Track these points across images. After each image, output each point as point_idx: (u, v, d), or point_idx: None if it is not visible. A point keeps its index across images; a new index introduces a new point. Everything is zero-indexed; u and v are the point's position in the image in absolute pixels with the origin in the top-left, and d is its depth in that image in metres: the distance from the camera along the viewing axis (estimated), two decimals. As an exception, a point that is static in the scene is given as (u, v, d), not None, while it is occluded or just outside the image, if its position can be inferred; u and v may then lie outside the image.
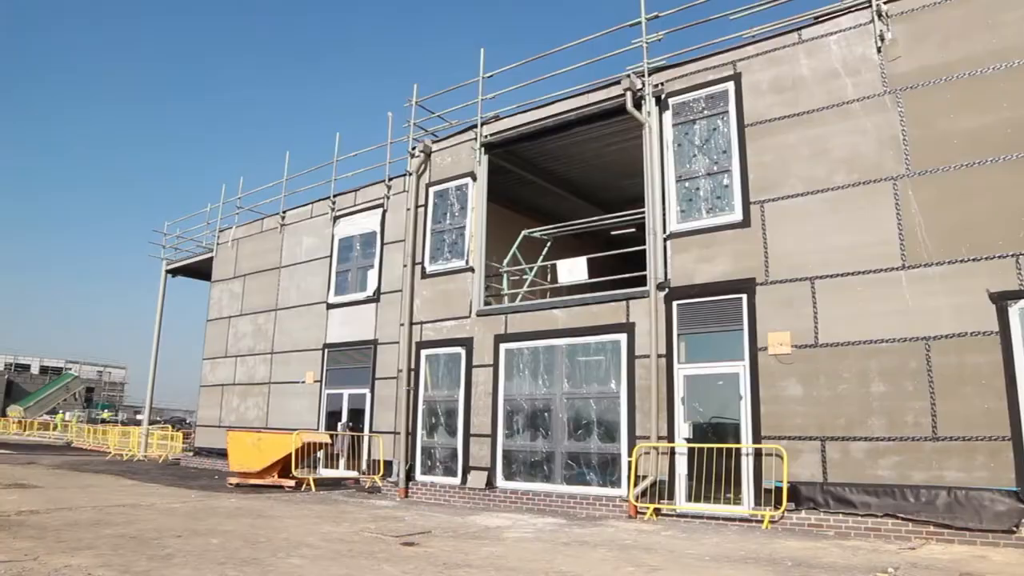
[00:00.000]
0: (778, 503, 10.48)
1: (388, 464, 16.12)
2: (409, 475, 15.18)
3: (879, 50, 10.94)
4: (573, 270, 14.70)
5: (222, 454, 19.06)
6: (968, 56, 10.29)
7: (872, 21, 11.02)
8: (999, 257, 9.61)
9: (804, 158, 11.28)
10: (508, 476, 13.76)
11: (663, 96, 12.98)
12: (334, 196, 20.33)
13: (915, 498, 9.57)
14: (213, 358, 23.49)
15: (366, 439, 17.55)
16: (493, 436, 14.03)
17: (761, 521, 10.52)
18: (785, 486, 10.45)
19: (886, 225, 10.45)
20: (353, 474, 17.55)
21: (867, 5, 11.12)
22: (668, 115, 12.90)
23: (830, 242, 10.82)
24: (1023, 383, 9.22)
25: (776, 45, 11.92)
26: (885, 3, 10.99)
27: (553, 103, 14.53)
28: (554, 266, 15.40)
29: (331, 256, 19.97)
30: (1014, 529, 8.90)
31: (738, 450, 11.09)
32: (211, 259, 24.90)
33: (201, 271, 26.94)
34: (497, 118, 15.53)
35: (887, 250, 10.37)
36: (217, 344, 23.44)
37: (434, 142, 16.65)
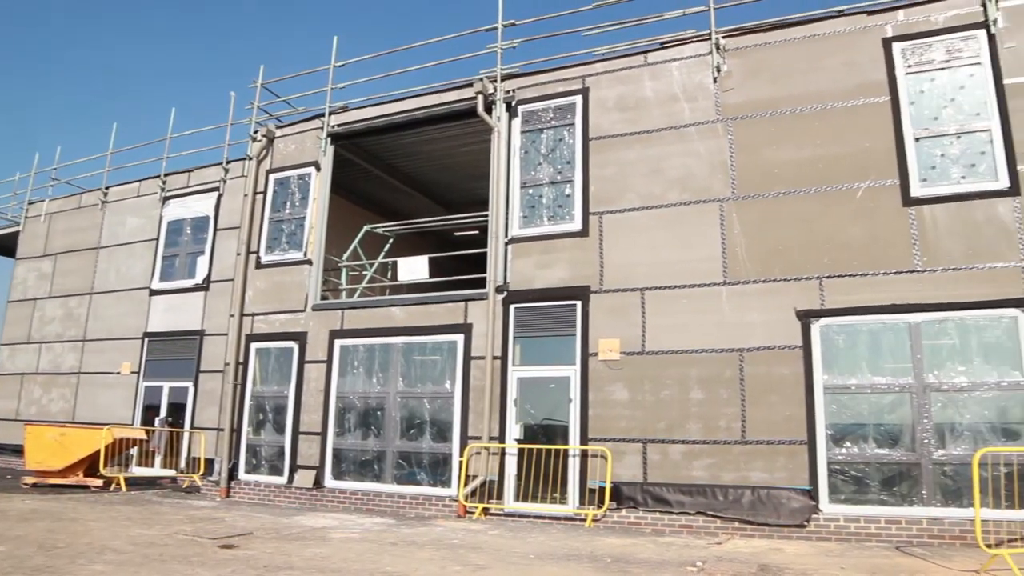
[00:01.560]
0: (601, 502, 10.93)
1: (210, 462, 15.27)
2: (232, 474, 14.46)
3: (715, 80, 11.74)
4: (414, 268, 14.62)
5: (18, 450, 17.26)
6: (791, 94, 11.29)
7: (711, 52, 11.82)
8: (806, 279, 10.59)
9: (642, 175, 11.88)
10: (337, 475, 13.44)
11: (514, 103, 13.23)
12: (165, 175, 19.04)
13: (724, 497, 10.31)
14: (13, 344, 21.26)
15: (187, 436, 16.54)
16: (323, 434, 13.65)
17: (585, 520, 10.92)
18: (608, 486, 10.92)
19: (712, 243, 11.21)
20: (170, 473, 16.46)
21: (707, 37, 11.91)
22: (517, 122, 13.16)
23: (661, 256, 11.45)
24: (819, 393, 10.23)
25: (624, 65, 12.49)
26: (723, 37, 11.82)
27: (405, 99, 14.41)
28: (395, 263, 15.26)
29: (158, 239, 18.68)
30: (805, 524, 9.84)
31: (566, 451, 11.45)
32: (16, 234, 22.56)
33: (3, 247, 24.36)
34: (346, 109, 15.19)
35: (711, 266, 11.13)
36: (18, 328, 21.23)
37: (278, 127, 16.03)
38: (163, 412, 17.28)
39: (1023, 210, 10.02)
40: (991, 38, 10.65)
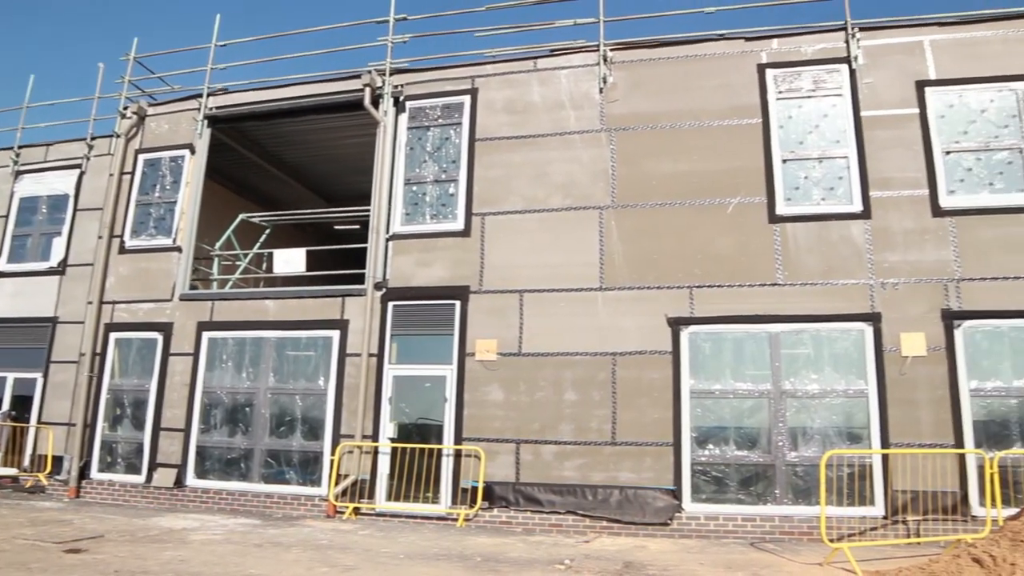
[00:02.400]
0: (473, 502, 10.96)
1: (58, 460, 14.18)
2: (83, 472, 13.51)
3: (601, 91, 12.06)
4: (291, 261, 14.19)
5: None
6: (672, 110, 11.76)
7: (599, 63, 12.13)
8: (678, 287, 11.06)
9: (527, 178, 12.04)
10: (201, 474, 12.83)
11: (402, 98, 13.10)
12: (19, 147, 17.60)
13: (593, 496, 10.58)
14: None
15: (32, 431, 15.33)
16: (187, 431, 13.00)
17: (457, 519, 10.92)
18: (481, 486, 10.97)
19: (590, 249, 11.50)
20: (11, 471, 15.19)
21: (596, 49, 12.22)
22: (404, 117, 13.04)
23: (541, 259, 11.63)
24: (686, 397, 10.69)
25: (514, 69, 12.62)
26: (611, 50, 12.17)
27: (290, 86, 13.98)
28: (271, 255, 14.75)
29: (7, 216, 17.21)
30: (669, 522, 10.25)
31: (440, 451, 11.42)
32: None
33: None
34: (226, 91, 14.56)
35: (589, 271, 11.41)
36: None
37: (151, 105, 15.17)
38: (5, 405, 15.93)
39: (873, 232, 10.85)
40: (852, 73, 11.50)
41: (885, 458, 10.03)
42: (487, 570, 7.47)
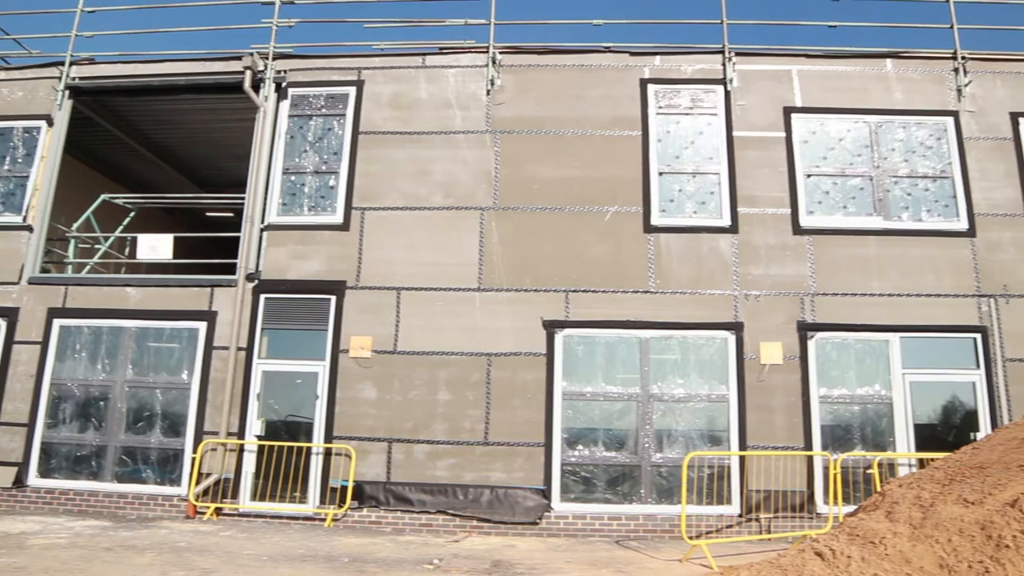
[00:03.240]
0: (343, 501, 10.73)
1: None
2: (-98, 467, 12.25)
3: (488, 92, 12.12)
4: (157, 247, 13.42)
5: None
6: (557, 116, 11.98)
7: (487, 65, 12.19)
8: (554, 291, 11.26)
9: (409, 175, 11.92)
10: (45, 473, 11.88)
11: (284, 84, 12.67)
12: None
13: (464, 496, 10.59)
14: None
15: None
16: (31, 426, 12.01)
17: (325, 519, 10.65)
18: (351, 485, 10.75)
19: (470, 249, 11.52)
20: None
21: (485, 50, 12.27)
22: (286, 104, 12.62)
23: (421, 257, 11.54)
24: (558, 398, 10.90)
25: (401, 64, 12.47)
26: (500, 53, 12.26)
27: (165, 62, 13.20)
28: (135, 239, 13.90)
29: None
30: (538, 521, 10.42)
31: (309, 449, 11.11)
32: None
33: None
34: (92, 62, 13.59)
35: (468, 272, 11.43)
36: None
37: (3, 69, 13.96)
38: None
39: (740, 246, 11.45)
40: (727, 94, 12.11)
41: (742, 459, 10.61)
42: (354, 571, 7.33)
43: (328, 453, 11.02)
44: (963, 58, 12.48)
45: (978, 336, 11.40)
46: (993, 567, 4.78)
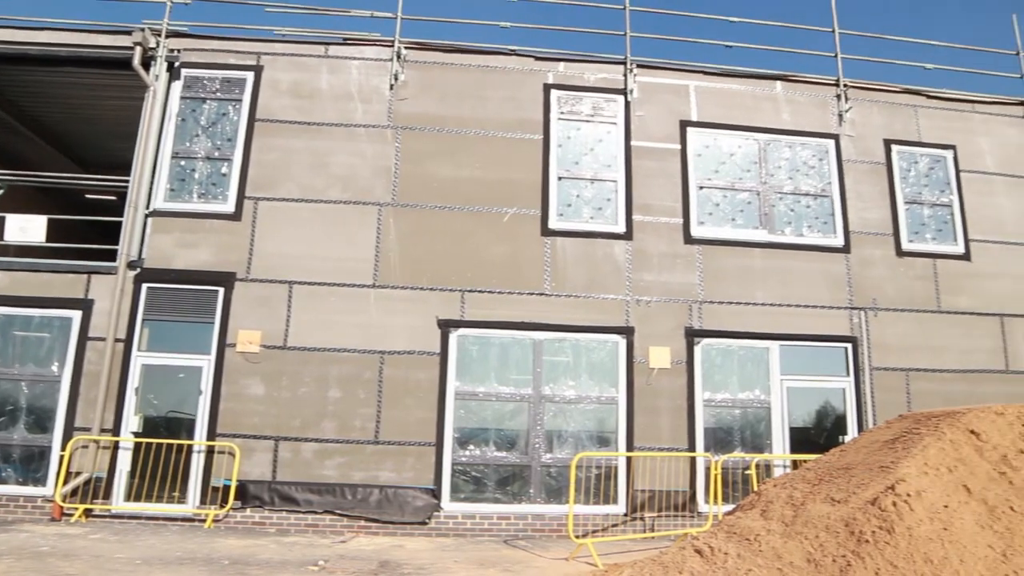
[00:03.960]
0: (225, 502, 10.32)
1: None
2: None
3: (391, 87, 11.97)
4: (28, 228, 12.51)
5: None
6: (459, 116, 11.96)
7: (392, 60, 12.02)
8: (450, 290, 11.23)
9: (306, 166, 11.61)
10: None
11: (177, 64, 12.09)
12: None
13: (353, 496, 10.40)
14: None
15: None
16: None
17: (205, 520, 10.21)
18: (234, 484, 10.35)
19: (367, 245, 11.34)
20: None
21: (390, 44, 12.10)
22: (178, 85, 12.04)
23: (315, 251, 11.26)
24: (451, 398, 10.88)
25: (303, 51, 12.14)
26: (406, 48, 12.12)
27: (45, 30, 12.30)
28: (2, 219, 12.93)
29: None
30: (427, 521, 10.36)
31: (191, 447, 10.63)
32: None
33: None
34: (-42, 27, 12.59)
35: (363, 267, 11.24)
36: None
37: None
38: None
39: (633, 253, 11.76)
40: (627, 104, 12.43)
41: (629, 460, 10.90)
42: (234, 573, 7.06)
43: (211, 451, 10.58)
44: (845, 86, 13.28)
45: (849, 346, 12.15)
46: (855, 560, 5.08)
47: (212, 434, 10.64)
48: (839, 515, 5.62)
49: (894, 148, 13.27)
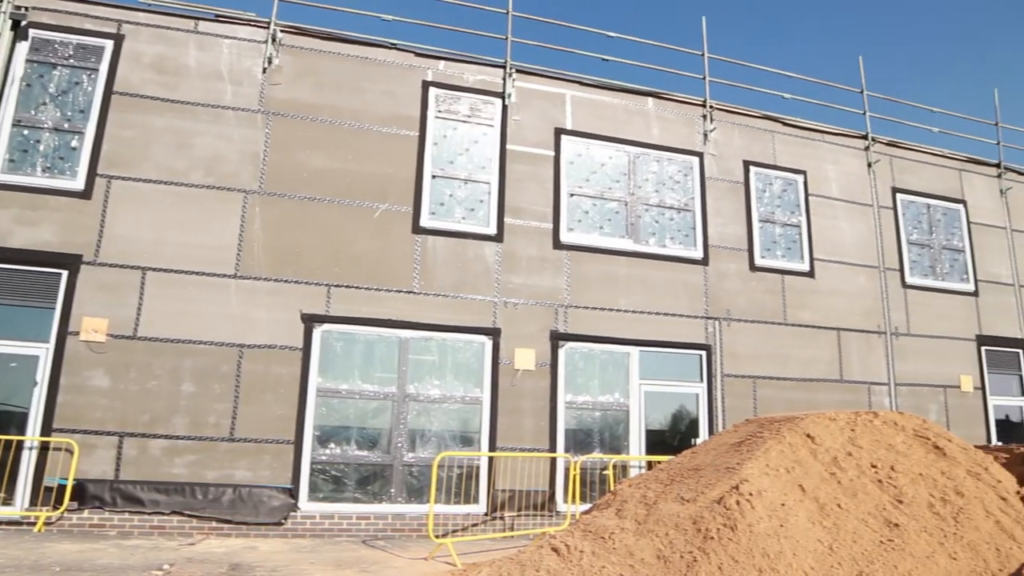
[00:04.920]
0: (59, 503, 9.55)
1: None
2: None
3: (265, 71, 11.50)
4: None
5: None
6: (335, 106, 11.65)
7: (267, 42, 11.56)
8: (316, 284, 10.93)
9: (168, 145, 10.96)
10: None
11: (24, 23, 11.08)
12: None
13: (204, 495, 9.89)
14: None
15: None
16: None
17: (35, 523, 9.41)
18: (71, 484, 9.60)
19: (230, 233, 10.84)
20: None
21: (266, 26, 11.63)
22: (24, 47, 11.03)
23: (173, 236, 10.64)
24: (312, 395, 10.58)
25: (171, 24, 11.44)
26: (282, 31, 11.68)
27: None
28: None
29: None
30: (283, 521, 10.02)
31: (21, 443, 9.77)
32: None
33: None
34: None
35: (225, 256, 10.74)
36: None
37: None
38: None
39: (503, 255, 11.88)
40: (505, 108, 12.54)
41: (491, 460, 10.99)
42: (65, 579, 6.55)
43: (45, 448, 9.76)
44: (711, 107, 13.99)
45: (704, 353, 12.80)
46: (700, 556, 5.35)
47: (48, 429, 9.82)
48: (688, 514, 5.89)
49: (752, 169, 14.12)
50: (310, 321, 10.81)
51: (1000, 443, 11.57)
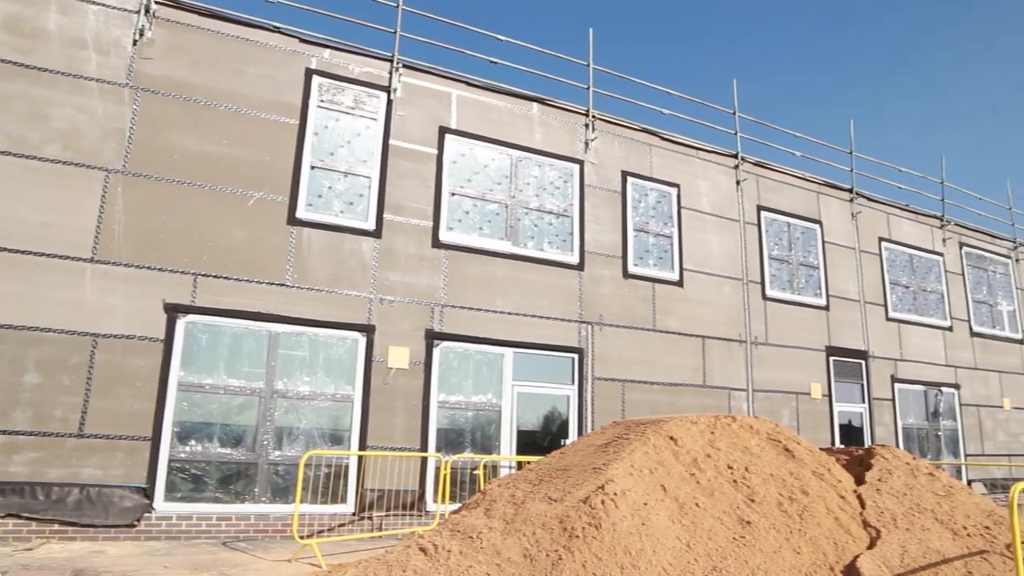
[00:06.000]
0: None
1: None
2: None
3: (135, 43, 10.80)
4: None
5: None
6: (211, 87, 11.09)
7: (139, 11, 10.85)
8: (182, 272, 10.37)
9: (20, 114, 10.07)
10: None
11: None
12: None
13: (46, 496, 9.14)
14: None
15: None
16: None
17: None
18: None
19: (88, 214, 10.10)
20: None
21: (136, -5, 10.92)
22: None
23: (21, 213, 9.78)
24: (173, 389, 10.02)
25: (24, -15, 10.55)
26: (156, 2, 10.97)
27: None
28: None
29: None
30: (136, 523, 9.43)
31: None
32: None
33: None
34: None
35: (81, 239, 10.00)
36: None
37: None
38: None
39: (381, 252, 11.72)
40: (390, 103, 12.36)
41: (361, 459, 10.80)
42: None
43: None
44: (594, 117, 14.35)
45: (576, 356, 13.10)
46: (565, 554, 5.47)
47: None
48: (555, 513, 6.01)
49: (629, 180, 14.58)
50: (174, 311, 10.24)
51: (842, 446, 12.50)
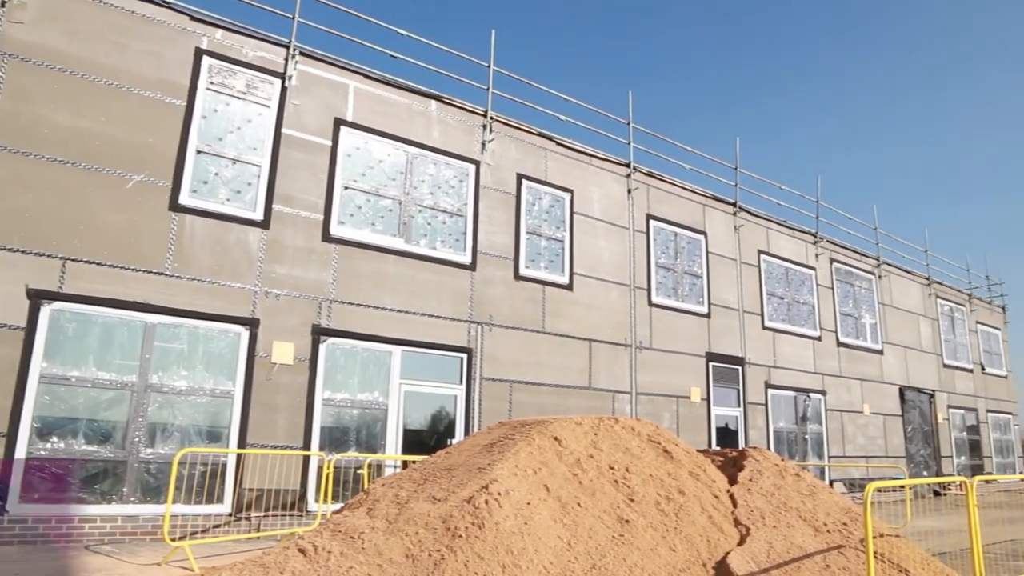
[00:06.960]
0: None
1: None
2: None
3: (3, 4, 9.98)
4: None
5: None
6: (91, 60, 10.38)
7: (2, -28, 10.04)
8: (48, 256, 9.67)
9: None
10: None
11: None
12: None
13: None
14: None
15: None
16: None
17: None
18: None
19: (-56, 189, 9.29)
20: None
21: (0, -49, 10.09)
22: None
23: None
24: (34, 382, 9.31)
25: None
26: (25, -38, 10.18)
27: None
28: None
29: None
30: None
31: None
32: None
33: None
34: None
35: (-64, 215, 9.19)
36: None
37: None
38: None
39: (268, 243, 11.34)
40: (284, 90, 11.97)
41: (239, 457, 10.40)
42: None
43: None
44: (491, 118, 14.40)
45: (465, 356, 13.12)
46: (448, 554, 5.47)
47: None
48: (438, 513, 6.00)
49: (524, 183, 14.73)
50: (38, 297, 9.53)
51: (719, 448, 13.06)
